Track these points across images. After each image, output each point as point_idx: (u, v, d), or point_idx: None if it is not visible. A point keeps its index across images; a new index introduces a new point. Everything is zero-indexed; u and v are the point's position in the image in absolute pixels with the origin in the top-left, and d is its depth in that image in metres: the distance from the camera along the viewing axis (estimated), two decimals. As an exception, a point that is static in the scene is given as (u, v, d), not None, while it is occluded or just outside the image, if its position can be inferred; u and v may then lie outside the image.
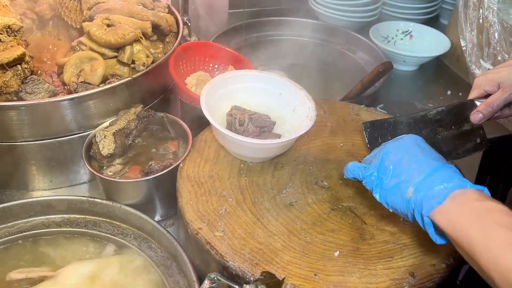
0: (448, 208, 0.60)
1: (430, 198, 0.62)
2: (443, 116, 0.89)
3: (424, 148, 0.71)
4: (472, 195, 0.60)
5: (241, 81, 0.98)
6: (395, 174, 0.68)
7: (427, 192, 0.63)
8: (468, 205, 0.59)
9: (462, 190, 0.61)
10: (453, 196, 0.61)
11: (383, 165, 0.71)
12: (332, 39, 1.62)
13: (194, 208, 0.81)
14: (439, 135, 0.89)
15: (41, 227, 0.93)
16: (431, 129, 0.89)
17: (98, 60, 0.96)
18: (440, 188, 0.62)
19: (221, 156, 0.93)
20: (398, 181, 0.67)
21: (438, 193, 0.62)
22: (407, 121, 0.90)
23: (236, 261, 0.72)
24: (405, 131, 0.90)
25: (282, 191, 0.86)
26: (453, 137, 0.88)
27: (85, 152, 0.92)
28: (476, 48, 1.34)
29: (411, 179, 0.66)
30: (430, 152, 0.70)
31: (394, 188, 0.68)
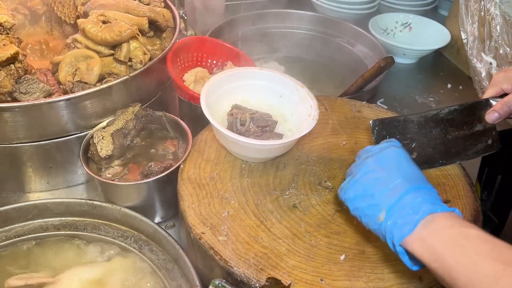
0: (422, 235, 0.58)
1: (400, 226, 0.60)
2: (455, 116, 0.87)
3: (404, 166, 0.68)
4: (444, 221, 0.58)
5: (241, 79, 0.96)
6: (370, 194, 0.66)
7: (397, 219, 0.61)
8: (443, 232, 0.57)
9: (433, 216, 0.59)
10: (424, 223, 0.58)
11: (358, 182, 0.68)
12: (331, 32, 1.59)
13: (196, 211, 0.79)
14: (450, 135, 0.87)
15: (39, 231, 0.91)
16: (441, 128, 0.88)
17: (94, 59, 0.94)
18: (409, 214, 0.60)
19: (222, 156, 0.91)
20: (371, 203, 0.65)
21: (408, 220, 0.59)
22: (417, 120, 0.88)
23: (241, 266, 0.71)
24: (414, 130, 0.89)
25: (285, 192, 0.85)
26: (464, 137, 0.86)
27: (83, 153, 0.90)
28: (477, 41, 1.32)
29: (383, 203, 0.64)
30: (409, 172, 0.67)
31: (367, 208, 0.66)
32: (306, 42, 1.62)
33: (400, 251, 0.60)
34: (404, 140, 0.88)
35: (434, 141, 0.88)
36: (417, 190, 0.63)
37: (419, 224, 0.59)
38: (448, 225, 0.58)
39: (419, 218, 0.59)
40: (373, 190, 0.65)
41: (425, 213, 0.59)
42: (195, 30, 1.48)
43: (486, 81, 1.29)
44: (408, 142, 0.88)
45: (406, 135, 0.89)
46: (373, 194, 0.65)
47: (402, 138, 0.88)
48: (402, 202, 0.62)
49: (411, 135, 0.89)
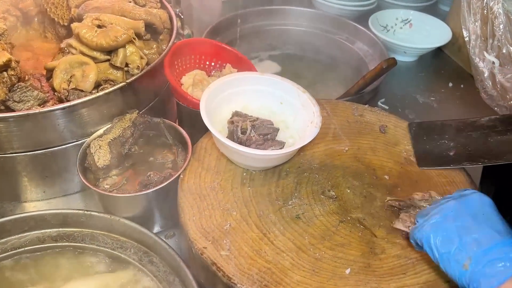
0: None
1: (489, 277, 0.58)
2: (497, 123, 0.87)
3: (489, 215, 0.65)
4: None
5: (242, 84, 0.94)
6: (452, 240, 0.63)
7: (486, 269, 0.59)
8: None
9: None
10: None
11: (442, 226, 0.65)
12: (330, 29, 1.57)
13: (197, 224, 0.78)
14: (492, 138, 0.87)
15: (36, 243, 0.88)
16: (482, 132, 0.87)
17: (89, 65, 0.91)
18: (501, 266, 0.58)
19: (222, 164, 0.89)
20: (454, 249, 0.63)
21: (499, 272, 0.58)
22: (455, 124, 0.89)
23: (245, 283, 0.69)
24: (453, 132, 0.90)
25: (287, 202, 0.83)
26: (507, 141, 0.85)
27: (80, 164, 0.88)
28: (479, 40, 1.30)
29: (468, 250, 0.61)
30: (495, 221, 0.64)
31: (448, 254, 0.63)
32: (305, 40, 1.59)
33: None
34: (441, 140, 0.90)
35: (474, 142, 0.88)
36: (509, 245, 0.61)
37: (509, 279, 0.57)
38: None
39: (510, 274, 0.57)
40: (458, 236, 0.63)
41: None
42: (192, 28, 1.44)
43: (488, 80, 1.28)
44: (446, 142, 0.89)
45: (444, 136, 0.90)
46: (457, 241, 0.63)
47: (440, 138, 0.89)
48: (492, 252, 0.60)
49: (449, 136, 0.90)
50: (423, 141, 0.89)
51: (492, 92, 1.27)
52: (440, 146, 0.90)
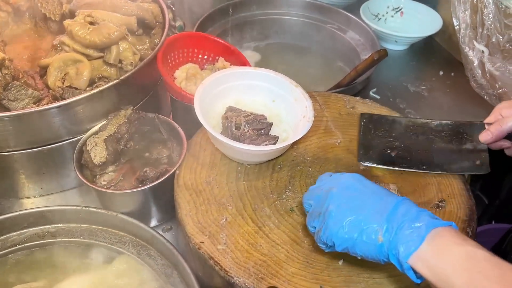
0: (427, 253, 0.56)
1: (405, 242, 0.57)
2: (445, 129, 0.88)
3: (369, 185, 0.66)
4: (448, 237, 0.57)
5: (235, 79, 0.95)
6: (356, 220, 0.62)
7: (399, 234, 0.58)
8: (448, 250, 0.56)
9: (436, 231, 0.57)
10: (429, 239, 0.57)
11: (337, 214, 0.63)
12: (322, 18, 1.57)
13: (194, 219, 0.79)
14: (435, 145, 0.88)
15: (36, 239, 0.90)
16: (428, 137, 0.88)
17: (83, 63, 0.91)
18: (412, 229, 0.58)
19: (217, 159, 0.90)
20: (361, 227, 0.61)
21: (412, 235, 0.57)
22: (405, 122, 0.90)
23: (241, 276, 0.71)
24: (400, 131, 0.91)
25: (282, 195, 0.85)
26: (450, 151, 0.87)
27: (76, 161, 0.89)
28: (469, 29, 1.31)
29: (375, 222, 0.60)
30: (377, 188, 0.66)
31: (359, 235, 0.61)
32: (297, 29, 1.60)
33: (407, 268, 0.58)
34: (387, 137, 0.91)
35: (418, 146, 0.89)
36: (403, 202, 0.61)
37: (424, 240, 0.57)
38: (453, 242, 0.56)
39: (424, 234, 0.57)
40: (358, 214, 0.62)
41: (428, 228, 0.57)
42: (183, 20, 1.44)
43: (478, 69, 1.29)
44: (392, 140, 0.90)
45: (391, 133, 0.91)
46: (360, 219, 0.61)
47: (387, 135, 0.91)
48: (397, 216, 0.59)
49: (395, 134, 0.91)
50: (370, 134, 0.89)
51: (482, 81, 1.29)
52: (384, 143, 0.91)
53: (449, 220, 0.67)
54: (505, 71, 1.24)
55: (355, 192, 0.65)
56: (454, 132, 0.88)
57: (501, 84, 1.25)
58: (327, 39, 1.55)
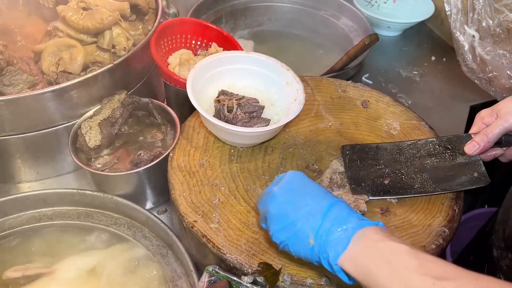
0: (353, 253, 0.57)
1: (333, 245, 0.59)
2: (433, 147, 0.85)
3: (308, 185, 0.67)
4: (373, 235, 0.58)
5: (227, 63, 0.96)
6: (290, 222, 0.63)
7: (328, 238, 0.59)
8: (372, 247, 0.57)
9: (362, 231, 0.58)
10: (355, 239, 0.58)
11: (275, 215, 0.65)
12: (315, 5, 1.58)
13: (187, 200, 0.81)
14: (427, 165, 0.84)
15: (33, 222, 0.92)
16: (418, 158, 0.85)
17: (76, 48, 0.92)
18: (340, 232, 0.59)
19: (210, 142, 0.92)
20: (295, 230, 0.63)
21: (340, 238, 0.58)
22: (390, 148, 0.87)
23: (233, 253, 0.73)
24: (388, 156, 0.87)
25: (273, 176, 0.86)
26: (444, 168, 0.83)
27: (71, 144, 0.91)
28: (460, 14, 1.32)
29: (307, 225, 0.62)
30: (315, 189, 0.66)
31: (293, 237, 0.63)
32: (291, 16, 1.61)
33: (337, 270, 0.59)
34: (376, 165, 0.86)
35: (410, 169, 0.85)
36: (336, 206, 0.62)
37: (351, 241, 0.58)
38: (377, 239, 0.57)
39: (351, 235, 0.58)
40: (292, 216, 0.63)
41: (355, 228, 0.58)
42: (177, 7, 1.45)
43: (469, 54, 1.30)
44: (381, 167, 0.85)
45: (379, 161, 0.86)
46: (294, 221, 0.63)
47: (374, 163, 0.86)
48: (327, 219, 0.61)
49: (383, 161, 0.86)
50: (356, 166, 0.85)
51: (472, 65, 1.31)
52: (374, 172, 0.85)
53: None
54: (495, 55, 1.25)
55: (293, 194, 0.66)
56: (442, 148, 0.85)
57: (491, 68, 1.26)
58: (321, 25, 1.56)
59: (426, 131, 0.96)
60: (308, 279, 0.70)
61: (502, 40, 1.26)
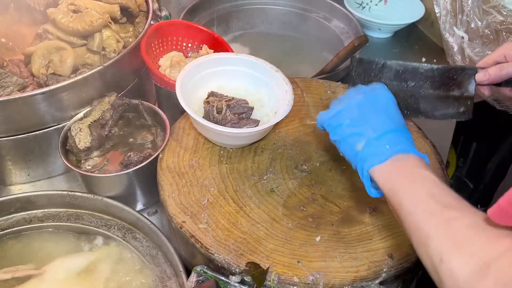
0: (388, 168, 0.65)
1: (374, 156, 0.66)
2: (436, 74, 0.86)
3: (391, 109, 0.73)
4: (412, 161, 0.65)
5: (217, 65, 0.97)
6: (354, 124, 0.71)
7: (373, 150, 0.67)
8: (405, 169, 0.64)
9: (405, 155, 0.65)
10: (395, 159, 0.65)
11: (347, 112, 0.73)
12: (307, 7, 1.59)
13: (176, 200, 0.82)
14: (423, 91, 0.87)
15: (23, 223, 0.92)
16: (417, 82, 0.87)
17: (66, 50, 0.93)
18: (386, 148, 0.66)
19: (200, 143, 0.93)
20: (353, 132, 0.70)
21: (382, 152, 0.66)
22: (396, 67, 0.88)
23: (221, 253, 0.74)
24: (390, 77, 0.88)
25: (263, 177, 0.87)
26: (436, 97, 0.86)
27: (61, 146, 0.91)
28: (450, 15, 1.33)
29: (365, 134, 0.69)
30: (393, 113, 0.72)
31: (348, 137, 0.71)
32: (283, 18, 1.62)
33: (365, 176, 0.67)
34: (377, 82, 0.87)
35: (406, 93, 0.88)
36: (399, 132, 0.68)
37: (390, 158, 0.64)
38: (414, 165, 0.64)
39: (393, 153, 0.65)
40: (359, 122, 0.70)
41: (399, 150, 0.65)
42: (169, 10, 1.46)
43: (458, 55, 1.32)
44: None
45: (380, 78, 0.89)
46: (357, 125, 0.70)
47: (376, 80, 0.89)
48: (383, 138, 0.67)
49: (385, 81, 0.88)
50: (359, 80, 0.89)
51: (462, 66, 1.32)
52: None
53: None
54: (484, 56, 1.26)
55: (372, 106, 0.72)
56: (443, 77, 0.86)
57: (480, 69, 1.27)
58: (312, 27, 1.57)
59: (413, 131, 0.97)
60: (294, 278, 0.71)
61: (490, 41, 1.27)
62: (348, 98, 0.75)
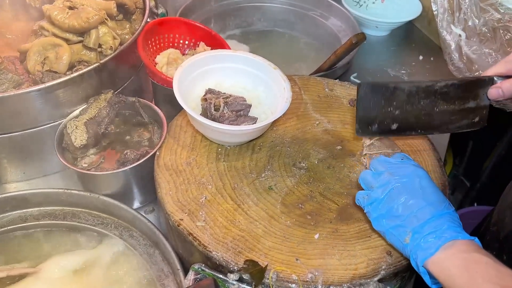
0: (440, 259, 0.63)
1: (424, 249, 0.64)
2: (451, 90, 0.84)
3: (426, 188, 0.70)
4: (461, 247, 0.63)
5: (214, 62, 0.96)
6: (397, 215, 0.68)
7: (421, 242, 0.65)
8: (457, 256, 0.62)
9: (454, 242, 0.63)
10: (445, 248, 0.63)
11: (385, 203, 0.70)
12: (305, 5, 1.58)
13: (174, 198, 0.81)
14: (438, 108, 0.84)
15: (18, 222, 0.91)
16: (431, 100, 0.84)
17: (62, 47, 0.92)
18: (433, 239, 0.64)
19: (197, 141, 0.92)
20: (398, 224, 0.68)
21: (431, 244, 0.64)
22: (408, 88, 0.84)
23: (219, 250, 0.73)
24: (402, 98, 0.84)
25: (261, 174, 0.87)
26: (451, 112, 0.84)
27: (57, 144, 0.90)
28: (447, 13, 1.33)
29: (409, 225, 0.67)
30: (431, 194, 0.70)
31: (393, 229, 0.69)
32: (280, 16, 1.61)
33: (423, 271, 0.65)
34: (388, 107, 0.85)
35: (419, 112, 0.85)
36: (442, 217, 0.67)
37: (440, 248, 0.63)
38: (464, 250, 0.62)
39: (441, 244, 0.63)
40: (399, 213, 0.68)
41: (446, 239, 0.63)
42: (166, 7, 1.45)
43: (455, 53, 1.32)
44: (392, 110, 0.85)
45: (392, 102, 0.85)
46: (399, 217, 0.68)
47: (387, 104, 0.85)
48: (427, 227, 0.66)
49: (397, 103, 0.85)
50: (369, 106, 0.84)
51: (459, 64, 1.32)
52: (384, 114, 0.85)
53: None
54: (481, 54, 1.27)
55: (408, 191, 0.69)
56: (459, 91, 0.83)
57: (478, 67, 1.27)
58: (309, 25, 1.57)
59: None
60: (293, 276, 0.70)
61: (488, 39, 1.27)
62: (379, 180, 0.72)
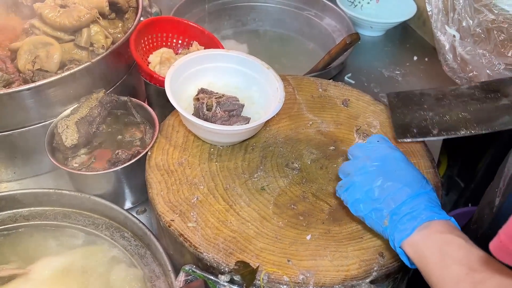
0: (415, 240, 0.63)
1: (400, 231, 0.65)
2: (476, 91, 0.86)
3: (403, 170, 0.70)
4: (437, 227, 0.63)
5: (207, 61, 0.95)
6: (375, 199, 0.68)
7: (398, 224, 0.65)
8: (430, 237, 0.62)
9: (430, 222, 0.63)
10: (420, 229, 0.63)
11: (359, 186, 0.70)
12: (299, 5, 1.58)
13: (165, 199, 0.80)
14: (471, 107, 0.85)
15: (8, 222, 0.90)
16: (461, 101, 0.85)
17: (53, 45, 0.91)
18: (409, 220, 0.64)
19: (190, 141, 0.91)
20: (375, 207, 0.68)
21: (408, 225, 0.64)
22: (434, 93, 0.87)
23: (210, 252, 0.73)
24: (432, 101, 0.87)
25: (253, 175, 0.86)
26: (487, 109, 0.84)
27: (48, 144, 0.89)
28: (441, 14, 1.33)
29: (387, 207, 0.67)
30: (408, 175, 0.69)
31: (371, 212, 0.69)
32: (275, 16, 1.61)
33: (400, 252, 0.66)
34: (420, 110, 0.87)
35: (453, 111, 0.86)
36: (419, 197, 0.67)
37: (415, 230, 0.63)
38: (439, 231, 0.63)
39: (417, 225, 0.64)
40: (376, 196, 0.68)
41: (422, 220, 0.64)
42: (160, 7, 1.44)
43: (449, 53, 1.31)
44: (425, 112, 0.86)
45: (422, 105, 0.87)
46: (376, 200, 0.68)
47: (418, 108, 0.87)
48: (404, 208, 0.66)
49: (427, 106, 0.87)
50: (401, 112, 0.86)
51: (453, 65, 1.32)
52: (418, 117, 0.87)
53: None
54: (476, 55, 1.26)
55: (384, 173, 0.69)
56: (486, 92, 0.85)
57: (472, 67, 1.27)
58: (304, 25, 1.57)
59: (405, 129, 0.96)
60: (284, 277, 0.70)
61: (482, 40, 1.27)
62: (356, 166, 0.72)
